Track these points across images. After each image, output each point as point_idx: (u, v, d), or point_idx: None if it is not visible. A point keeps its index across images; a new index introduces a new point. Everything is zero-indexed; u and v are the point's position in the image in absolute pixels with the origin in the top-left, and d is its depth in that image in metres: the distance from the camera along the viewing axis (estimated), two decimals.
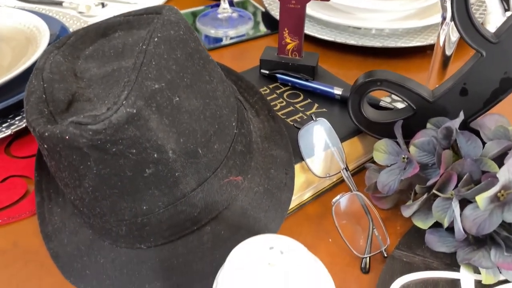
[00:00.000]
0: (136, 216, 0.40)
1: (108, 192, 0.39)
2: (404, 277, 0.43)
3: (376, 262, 0.47)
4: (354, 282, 0.45)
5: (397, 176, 0.48)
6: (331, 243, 0.49)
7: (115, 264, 0.43)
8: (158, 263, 0.42)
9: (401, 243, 0.47)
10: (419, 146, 0.47)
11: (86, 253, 0.45)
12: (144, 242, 0.42)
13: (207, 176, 0.41)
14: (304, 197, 0.53)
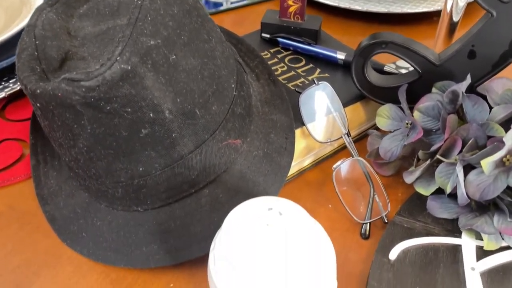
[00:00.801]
0: (133, 178, 0.39)
1: (103, 152, 0.38)
2: (404, 242, 0.42)
3: (376, 228, 0.46)
4: (353, 247, 0.44)
5: (399, 142, 0.47)
6: (331, 209, 0.48)
7: (112, 227, 0.42)
8: (155, 225, 0.41)
9: (402, 209, 0.46)
10: (424, 111, 0.46)
11: (82, 216, 0.44)
12: (141, 204, 0.41)
13: (205, 138, 0.40)
14: (304, 164, 0.52)
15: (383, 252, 0.42)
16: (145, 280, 0.42)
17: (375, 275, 0.40)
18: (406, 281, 0.39)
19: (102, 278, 0.42)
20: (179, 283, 0.41)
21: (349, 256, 0.44)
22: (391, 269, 0.40)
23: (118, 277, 0.42)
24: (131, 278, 0.42)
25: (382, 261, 0.41)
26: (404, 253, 0.42)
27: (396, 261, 0.41)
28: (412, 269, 0.40)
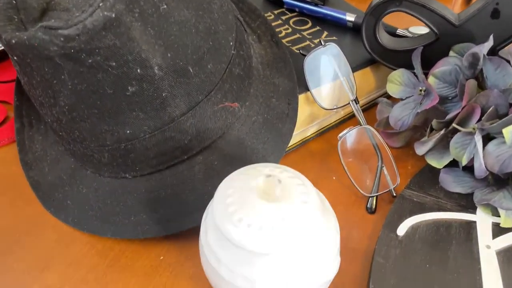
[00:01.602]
0: (119, 142, 0.36)
1: (87, 112, 0.34)
2: (414, 217, 0.39)
3: (383, 203, 0.43)
4: (358, 222, 0.41)
5: (411, 111, 0.44)
6: (335, 181, 0.45)
7: (98, 194, 0.39)
8: (144, 194, 0.38)
9: (412, 182, 0.43)
10: (440, 76, 0.42)
11: (67, 183, 0.41)
12: (129, 171, 0.38)
13: (199, 99, 0.36)
14: (308, 133, 0.48)
15: (391, 228, 0.39)
16: (133, 252, 0.39)
17: (382, 252, 0.37)
18: (415, 259, 0.36)
19: (87, 248, 0.39)
20: (170, 256, 0.38)
21: (354, 231, 0.41)
22: (398, 246, 0.37)
23: (104, 248, 0.39)
24: (118, 249, 0.39)
25: (389, 237, 0.38)
26: (413, 229, 0.38)
27: (405, 237, 0.38)
28: (421, 246, 0.37)
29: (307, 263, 0.29)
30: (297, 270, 0.29)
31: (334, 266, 0.31)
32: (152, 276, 0.37)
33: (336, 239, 0.32)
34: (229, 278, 0.30)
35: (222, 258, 0.30)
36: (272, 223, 0.28)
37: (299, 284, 0.29)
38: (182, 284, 0.37)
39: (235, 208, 0.29)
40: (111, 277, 0.37)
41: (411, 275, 0.35)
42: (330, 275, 0.31)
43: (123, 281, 0.37)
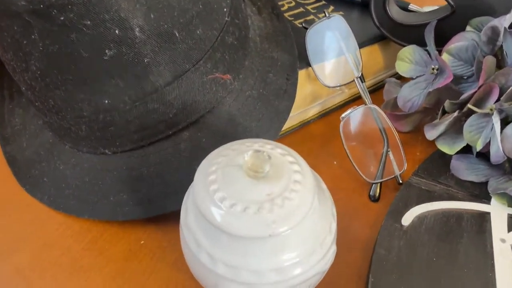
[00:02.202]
0: (97, 113, 0.33)
1: (60, 78, 0.31)
2: (421, 206, 0.35)
3: (388, 190, 0.39)
4: (359, 210, 0.38)
5: (422, 91, 0.40)
6: (336, 166, 0.41)
7: (76, 171, 0.36)
8: (125, 171, 0.35)
9: (420, 168, 0.39)
10: (455, 52, 0.38)
11: (45, 158, 0.38)
12: (109, 146, 0.35)
13: (185, 68, 0.33)
14: (308, 115, 0.45)
15: (395, 217, 0.35)
16: (111, 235, 0.35)
17: (384, 242, 0.33)
18: (421, 251, 0.33)
19: (62, 229, 0.36)
20: (151, 241, 0.35)
21: (354, 220, 0.37)
22: (403, 237, 0.34)
23: (81, 230, 0.36)
24: (96, 231, 0.36)
25: (393, 227, 0.34)
26: (419, 219, 0.35)
27: (410, 228, 0.34)
28: (429, 237, 0.34)
29: (298, 251, 0.26)
30: (286, 258, 0.26)
31: (329, 256, 0.28)
32: (130, 261, 0.34)
33: (332, 225, 0.28)
34: (210, 265, 0.26)
35: (202, 243, 0.26)
36: (259, 203, 0.25)
37: (288, 274, 0.26)
38: (163, 271, 0.33)
39: (218, 186, 0.26)
40: (87, 260, 0.34)
41: (416, 269, 0.32)
42: (324, 265, 0.27)
43: (99, 266, 0.34)
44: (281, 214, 0.25)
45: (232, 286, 0.26)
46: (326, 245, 0.27)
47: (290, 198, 0.25)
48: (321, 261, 0.27)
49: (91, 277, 0.33)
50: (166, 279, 0.33)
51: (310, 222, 0.26)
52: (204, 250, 0.26)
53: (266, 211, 0.25)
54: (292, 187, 0.26)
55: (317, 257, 0.27)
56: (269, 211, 0.25)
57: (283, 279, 0.26)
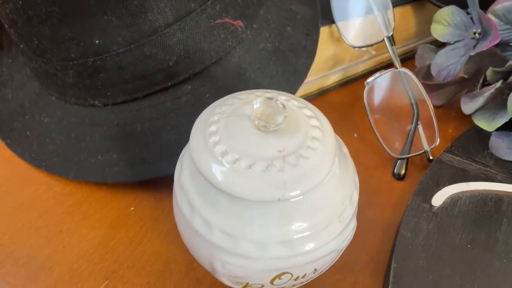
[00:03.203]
0: (86, 55, 0.28)
1: (45, 10, 0.27)
2: (455, 186, 0.31)
3: (415, 169, 0.34)
4: (382, 189, 0.33)
5: (460, 58, 0.35)
6: (356, 139, 0.37)
7: (62, 125, 0.32)
8: (116, 127, 0.31)
9: (454, 145, 0.34)
10: (502, 14, 0.33)
11: (29, 111, 0.34)
12: (99, 97, 0.30)
13: (190, 7, 0.28)
14: (329, 81, 0.40)
15: (424, 196, 0.30)
16: (97, 199, 0.31)
17: (410, 225, 0.29)
18: (454, 237, 0.28)
19: (43, 190, 0.32)
20: (142, 208, 0.31)
21: (374, 199, 0.32)
22: (432, 219, 0.29)
23: (64, 192, 0.32)
24: (80, 194, 0.31)
25: (421, 207, 0.30)
26: (452, 200, 0.30)
27: (441, 209, 0.29)
28: (462, 222, 0.29)
29: (311, 222, 0.21)
30: (296, 229, 0.21)
31: (348, 232, 0.23)
32: (117, 229, 0.30)
33: (354, 196, 0.23)
34: (205, 233, 0.22)
35: (197, 205, 0.22)
36: (268, 160, 0.20)
37: (297, 249, 0.21)
38: (153, 241, 0.29)
39: (219, 138, 0.21)
40: (67, 226, 0.30)
41: (447, 256, 0.27)
42: (342, 242, 0.23)
43: (81, 232, 0.29)
44: (294, 175, 0.20)
45: (229, 259, 0.22)
46: (345, 218, 0.23)
47: (306, 157, 0.21)
48: (338, 237, 0.22)
49: (70, 244, 0.29)
50: (155, 252, 0.29)
51: (328, 188, 0.22)
52: (198, 214, 0.22)
53: (276, 170, 0.20)
54: (309, 144, 0.21)
55: (334, 232, 0.22)
56: (279, 170, 0.20)
57: (290, 254, 0.21)
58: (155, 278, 0.27)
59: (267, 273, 0.22)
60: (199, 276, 0.28)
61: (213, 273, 0.24)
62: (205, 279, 0.27)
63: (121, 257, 0.28)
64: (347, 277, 0.28)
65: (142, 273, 0.28)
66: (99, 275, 0.27)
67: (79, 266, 0.28)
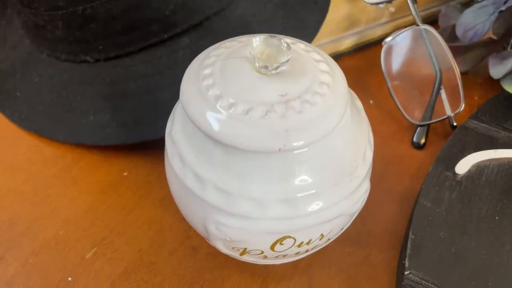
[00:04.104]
0: (75, 3, 0.26)
1: None
2: (482, 153, 0.27)
3: (436, 137, 0.31)
4: (399, 158, 0.30)
5: (489, 16, 0.31)
6: (372, 106, 0.34)
7: (52, 84, 0.30)
8: (108, 85, 0.28)
9: (481, 111, 0.31)
10: None
11: (20, 70, 0.31)
12: (91, 51, 0.28)
13: None
14: (342, 46, 0.37)
15: (446, 164, 0.27)
16: (89, 163, 0.29)
17: (430, 193, 0.26)
18: (480, 207, 0.25)
19: (31, 153, 0.29)
20: (136, 173, 0.29)
21: (391, 168, 0.29)
22: (456, 188, 0.26)
23: (54, 155, 0.29)
24: (71, 158, 0.29)
25: (444, 176, 0.27)
26: (478, 168, 0.27)
27: (466, 178, 0.26)
28: (490, 191, 0.26)
29: (317, 178, 0.19)
30: (300, 186, 0.18)
31: (360, 194, 0.20)
32: (108, 195, 0.27)
33: (368, 153, 0.21)
34: (197, 190, 0.19)
35: (189, 159, 0.19)
36: (269, 105, 0.18)
37: (300, 209, 0.19)
38: (146, 209, 0.27)
39: (213, 81, 0.19)
40: (56, 190, 0.27)
41: (472, 228, 0.24)
42: (353, 205, 0.20)
43: (69, 197, 0.27)
44: (297, 123, 0.17)
45: (224, 219, 0.19)
46: (357, 177, 0.20)
47: (313, 103, 0.18)
48: (348, 198, 0.20)
49: (58, 209, 0.26)
50: (148, 219, 0.26)
51: (338, 141, 0.19)
52: (190, 169, 0.19)
53: (277, 116, 0.17)
54: (316, 89, 0.18)
55: (344, 191, 0.19)
56: (281, 116, 0.17)
57: (293, 214, 0.19)
58: (148, 246, 0.25)
59: (267, 236, 0.19)
60: (195, 245, 0.25)
61: (207, 238, 0.21)
62: (201, 248, 0.25)
63: (112, 223, 0.26)
64: (359, 250, 0.25)
65: (134, 240, 0.25)
66: (87, 242, 0.25)
67: (66, 232, 0.26)
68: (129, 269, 0.24)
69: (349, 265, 0.25)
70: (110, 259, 0.24)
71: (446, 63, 0.31)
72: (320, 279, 0.24)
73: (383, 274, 0.24)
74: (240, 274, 0.24)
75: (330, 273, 0.24)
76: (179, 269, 0.24)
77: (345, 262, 0.25)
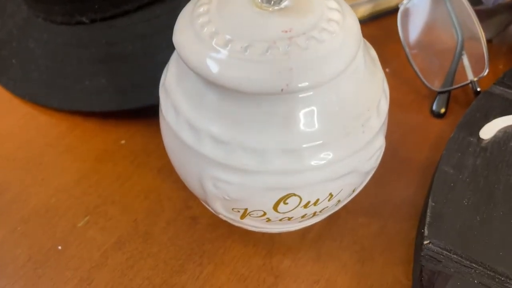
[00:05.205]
0: None
1: None
2: (509, 117, 0.25)
3: (457, 105, 0.29)
4: (418, 127, 0.28)
5: None
6: (389, 74, 0.31)
7: (48, 49, 0.28)
8: (105, 47, 0.26)
9: (507, 76, 0.28)
10: None
11: (16, 37, 0.30)
12: (86, 11, 0.26)
13: None
14: (357, 13, 0.34)
15: (470, 129, 0.25)
16: (84, 131, 0.27)
17: (453, 159, 0.23)
18: (509, 173, 0.22)
19: (25, 120, 0.28)
20: (134, 142, 0.27)
21: (410, 138, 0.27)
22: (480, 154, 0.23)
23: (48, 123, 0.28)
24: (66, 126, 0.28)
25: (467, 141, 0.24)
26: (506, 134, 0.24)
27: (491, 143, 0.24)
28: None
29: (323, 126, 0.16)
30: (305, 135, 0.16)
31: (374, 149, 0.18)
32: (103, 163, 0.26)
33: (382, 103, 0.18)
34: (192, 142, 0.17)
35: (182, 108, 0.17)
36: (270, 42, 0.16)
37: (305, 162, 0.17)
38: (144, 177, 0.25)
39: (209, 18, 0.17)
40: (48, 158, 0.26)
41: (499, 196, 0.22)
42: (366, 162, 0.18)
43: (63, 165, 0.26)
44: (303, 61, 0.15)
45: (222, 174, 0.17)
46: (371, 129, 0.18)
47: (320, 40, 0.16)
48: (360, 152, 0.17)
49: (50, 177, 0.25)
50: (146, 188, 0.24)
51: (349, 86, 0.17)
52: (184, 119, 0.17)
53: (279, 53, 0.15)
54: (324, 26, 0.16)
55: (355, 144, 0.17)
56: (284, 53, 0.15)
57: (298, 168, 0.17)
58: (144, 215, 0.23)
59: (269, 193, 0.17)
60: (195, 215, 0.23)
61: (205, 200, 0.19)
62: (202, 219, 0.23)
63: (106, 192, 0.24)
64: (374, 221, 0.23)
65: (129, 209, 0.24)
66: (79, 210, 0.23)
67: (57, 199, 0.24)
68: (123, 238, 0.22)
69: (362, 236, 0.22)
70: (102, 228, 0.23)
71: (469, 26, 0.29)
72: (330, 251, 0.22)
73: (400, 245, 0.22)
74: (243, 246, 0.22)
75: (341, 245, 0.22)
76: (177, 239, 0.22)
77: (358, 234, 0.23)
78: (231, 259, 0.22)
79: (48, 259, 0.22)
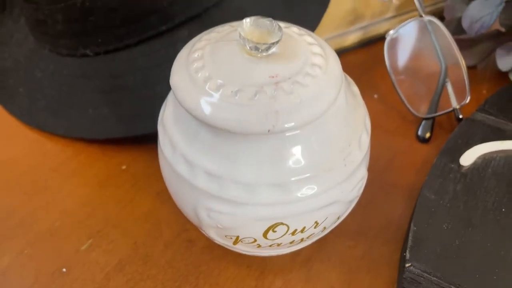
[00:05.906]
0: None
1: None
2: (488, 144, 0.27)
3: (441, 131, 0.30)
4: (404, 152, 0.29)
5: (496, 8, 0.31)
6: (376, 100, 0.33)
7: (54, 79, 0.30)
8: (108, 79, 0.28)
9: (488, 103, 0.30)
10: None
11: (23, 66, 0.32)
12: (90, 44, 0.28)
13: None
14: (347, 41, 0.36)
15: (451, 155, 0.26)
16: (88, 156, 0.29)
17: (434, 185, 0.25)
18: (486, 199, 0.24)
19: (32, 147, 0.30)
20: (135, 167, 0.28)
21: (395, 163, 0.29)
22: (461, 180, 0.25)
23: (54, 149, 0.29)
24: (71, 152, 0.29)
25: (448, 167, 0.26)
26: (485, 160, 0.26)
27: (471, 170, 0.25)
28: (496, 184, 0.25)
29: (309, 161, 0.18)
30: (292, 170, 0.18)
31: (356, 180, 0.20)
32: (106, 188, 0.27)
33: (363, 138, 0.20)
34: (187, 175, 0.19)
35: (179, 144, 0.19)
36: (258, 86, 0.17)
37: (293, 194, 0.18)
38: (143, 201, 0.26)
39: (203, 63, 0.18)
40: (53, 183, 0.27)
41: (477, 221, 0.23)
42: (349, 192, 0.19)
43: (67, 189, 0.27)
44: (288, 104, 0.17)
45: (215, 205, 0.19)
46: (353, 162, 0.19)
47: (304, 84, 0.17)
48: (343, 184, 0.19)
49: (54, 201, 0.26)
50: (146, 211, 0.26)
51: (331, 124, 0.18)
52: (180, 154, 0.19)
53: (266, 97, 0.17)
54: (308, 71, 0.18)
55: (338, 177, 0.19)
56: (271, 97, 0.17)
57: (285, 200, 0.18)
58: (144, 238, 0.25)
59: (259, 222, 0.19)
60: (191, 238, 0.25)
61: (200, 227, 0.21)
62: (198, 241, 0.25)
63: (108, 215, 0.26)
64: (360, 244, 0.24)
65: (130, 232, 0.25)
66: (83, 233, 0.25)
67: (62, 223, 0.25)
68: (124, 261, 0.24)
69: (349, 258, 0.24)
70: (105, 251, 0.24)
71: (452, 56, 0.30)
72: (319, 272, 0.23)
73: (385, 267, 0.23)
74: (237, 267, 0.24)
75: (329, 267, 0.24)
76: (174, 261, 0.24)
77: (345, 256, 0.24)
78: (225, 280, 0.23)
79: (53, 282, 0.23)
